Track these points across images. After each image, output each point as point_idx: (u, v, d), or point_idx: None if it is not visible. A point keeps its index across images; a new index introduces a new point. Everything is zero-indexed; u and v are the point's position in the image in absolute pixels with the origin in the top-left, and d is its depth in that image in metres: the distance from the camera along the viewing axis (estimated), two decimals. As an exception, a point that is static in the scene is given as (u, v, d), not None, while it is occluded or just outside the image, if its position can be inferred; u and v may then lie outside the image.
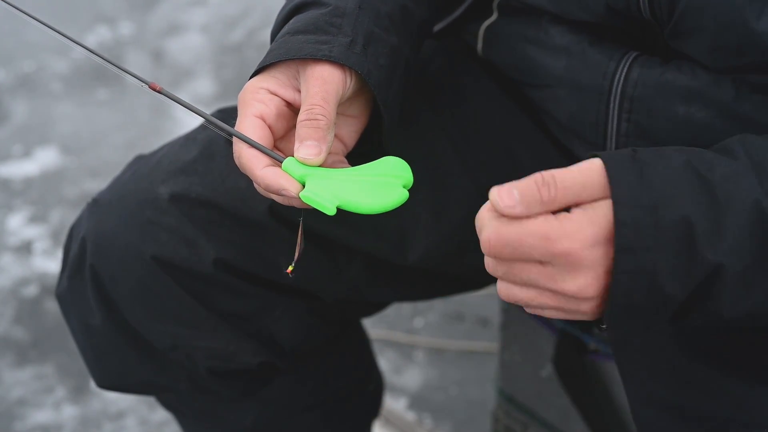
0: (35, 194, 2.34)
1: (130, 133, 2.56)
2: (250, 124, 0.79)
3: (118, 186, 0.99)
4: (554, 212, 0.69)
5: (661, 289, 0.69)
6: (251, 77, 0.83)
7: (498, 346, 1.45)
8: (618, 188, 0.68)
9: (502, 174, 1.02)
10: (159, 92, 0.78)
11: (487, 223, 0.70)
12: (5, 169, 2.43)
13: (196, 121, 0.96)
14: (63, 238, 1.04)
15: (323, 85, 0.79)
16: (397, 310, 1.96)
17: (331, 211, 0.76)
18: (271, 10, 3.50)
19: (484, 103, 1.04)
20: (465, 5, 1.03)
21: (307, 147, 0.77)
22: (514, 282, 0.71)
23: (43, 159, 2.46)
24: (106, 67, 0.81)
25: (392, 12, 0.87)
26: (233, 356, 0.97)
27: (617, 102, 0.91)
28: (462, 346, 1.88)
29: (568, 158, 1.01)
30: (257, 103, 0.80)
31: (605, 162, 0.69)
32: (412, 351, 1.88)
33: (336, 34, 0.81)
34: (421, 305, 1.98)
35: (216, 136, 0.97)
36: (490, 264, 0.72)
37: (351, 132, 0.86)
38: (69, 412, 1.77)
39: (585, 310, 0.71)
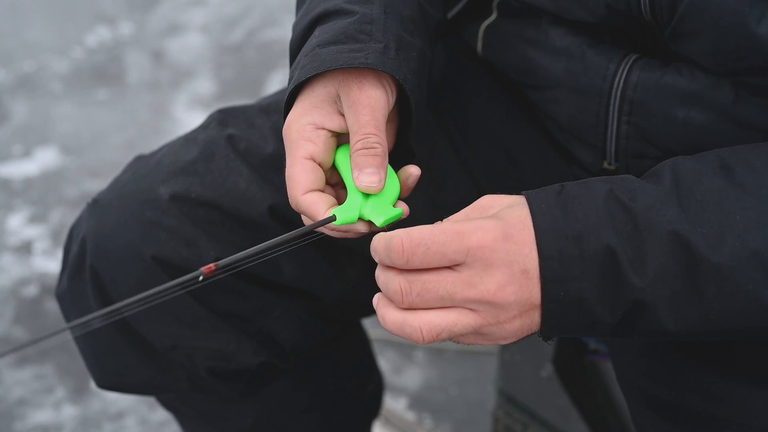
0: (35, 194, 2.34)
1: (130, 133, 2.56)
2: (302, 169, 0.78)
3: (118, 186, 0.99)
4: None
5: (590, 312, 0.70)
6: (288, 100, 0.81)
7: (498, 346, 1.45)
8: (541, 220, 0.69)
9: (502, 175, 1.02)
10: (215, 271, 0.71)
11: (396, 234, 0.70)
12: (5, 169, 2.43)
13: (196, 121, 0.96)
14: (63, 238, 1.04)
15: (373, 112, 0.77)
16: (397, 310, 1.96)
17: (404, 214, 0.79)
18: (271, 10, 3.51)
19: (484, 103, 1.04)
20: (461, 4, 1.03)
21: (368, 175, 0.77)
22: (431, 305, 0.69)
23: (43, 159, 2.47)
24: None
25: (414, 15, 0.87)
26: (233, 356, 0.97)
27: (617, 104, 0.91)
28: (462, 346, 1.87)
29: (567, 159, 1.01)
30: (305, 143, 0.78)
31: (528, 198, 0.71)
32: (412, 351, 1.88)
33: (368, 41, 0.80)
34: (421, 305, 1.97)
35: (216, 136, 0.97)
36: (402, 286, 0.69)
37: (389, 138, 0.85)
38: (69, 412, 1.77)
39: (510, 328, 0.70)
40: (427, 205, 1.00)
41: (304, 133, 0.78)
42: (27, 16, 3.02)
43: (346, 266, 0.99)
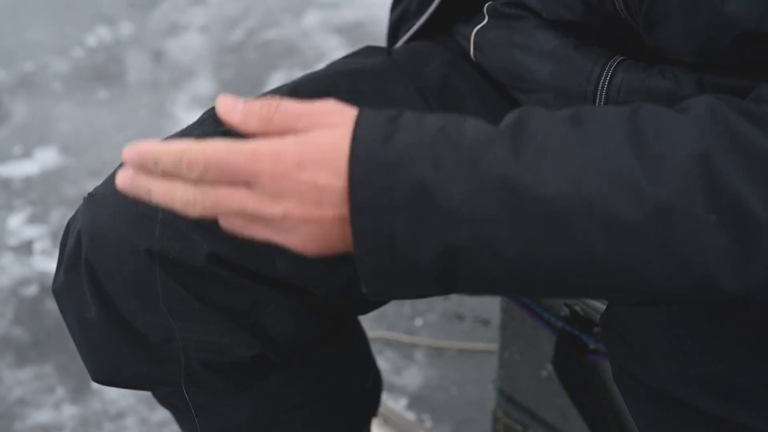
0: (35, 194, 2.34)
1: (130, 133, 2.56)
2: None
3: (114, 180, 0.99)
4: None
5: (403, 253, 0.67)
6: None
7: (498, 346, 1.45)
8: (359, 145, 0.67)
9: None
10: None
11: (189, 148, 0.68)
12: (5, 169, 2.44)
13: (194, 120, 0.96)
14: (62, 237, 1.05)
15: None
16: (397, 310, 1.96)
17: None
18: (271, 10, 3.52)
19: (478, 104, 1.05)
20: (432, 8, 1.03)
21: None
22: (220, 213, 0.70)
23: (43, 159, 2.47)
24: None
25: None
26: (226, 349, 0.97)
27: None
28: (462, 346, 1.87)
29: None
30: None
31: (358, 119, 0.68)
32: (412, 351, 1.88)
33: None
34: (421, 305, 1.97)
35: (211, 133, 0.97)
36: (193, 197, 0.70)
37: None
38: (69, 412, 1.77)
39: (292, 242, 0.70)
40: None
41: None
42: (27, 16, 3.02)
43: (339, 263, 0.98)
